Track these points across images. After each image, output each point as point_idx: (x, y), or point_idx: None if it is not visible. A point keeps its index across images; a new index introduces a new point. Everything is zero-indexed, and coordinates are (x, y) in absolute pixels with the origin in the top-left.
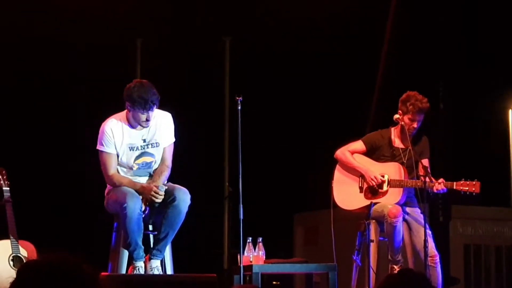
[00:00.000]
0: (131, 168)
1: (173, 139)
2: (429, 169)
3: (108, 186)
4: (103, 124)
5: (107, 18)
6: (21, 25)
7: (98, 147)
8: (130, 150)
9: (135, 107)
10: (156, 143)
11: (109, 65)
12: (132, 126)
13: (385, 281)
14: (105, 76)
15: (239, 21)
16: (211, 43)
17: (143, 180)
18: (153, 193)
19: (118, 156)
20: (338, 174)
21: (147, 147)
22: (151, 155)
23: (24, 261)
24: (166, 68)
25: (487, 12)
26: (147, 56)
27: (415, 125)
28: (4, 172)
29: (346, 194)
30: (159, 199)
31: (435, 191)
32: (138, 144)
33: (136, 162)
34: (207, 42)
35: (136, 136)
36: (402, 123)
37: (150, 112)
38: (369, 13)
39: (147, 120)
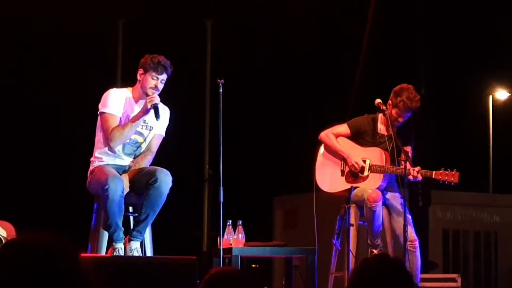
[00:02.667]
0: None
1: (164, 134)
2: (410, 156)
3: (91, 165)
4: (108, 90)
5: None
6: None
7: (102, 109)
8: None
9: (148, 69)
10: (151, 126)
11: (90, 46)
12: (136, 102)
13: (361, 265)
14: (86, 57)
15: (221, 4)
16: (193, 25)
17: (128, 160)
18: (148, 98)
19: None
20: (321, 157)
21: (142, 128)
22: (142, 135)
23: (3, 241)
24: (147, 50)
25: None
26: (128, 37)
27: (400, 120)
28: None
29: (328, 176)
30: (156, 98)
31: (411, 179)
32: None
33: None
34: (189, 24)
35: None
36: (384, 107)
37: (159, 79)
38: None
39: (155, 87)
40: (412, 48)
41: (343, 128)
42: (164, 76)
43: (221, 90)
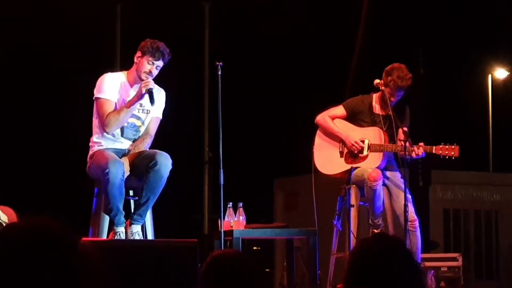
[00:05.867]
0: None
1: (161, 116)
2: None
3: (91, 150)
4: (103, 75)
5: None
6: None
7: (97, 94)
8: None
9: (145, 53)
10: (148, 110)
11: (88, 31)
12: (131, 86)
13: (359, 245)
14: (85, 42)
15: None
16: (191, 8)
17: (127, 143)
18: (143, 83)
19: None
20: (319, 140)
21: (139, 112)
22: (140, 119)
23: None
24: (146, 34)
25: None
26: (127, 21)
27: (393, 99)
28: None
29: (327, 159)
30: (150, 83)
31: (414, 156)
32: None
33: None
34: (187, 7)
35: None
36: (382, 88)
37: (155, 64)
38: None
39: (150, 72)
40: (411, 28)
41: (339, 110)
42: (160, 63)
43: (220, 73)
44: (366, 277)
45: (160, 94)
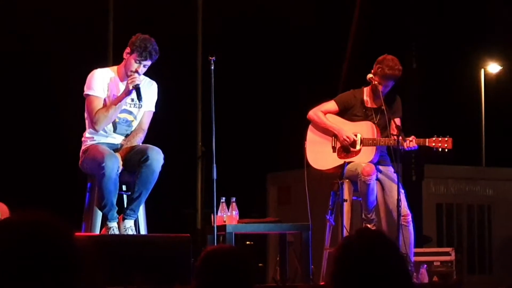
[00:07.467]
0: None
1: (154, 109)
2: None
3: (83, 145)
4: (92, 71)
5: None
6: None
7: (87, 91)
8: None
9: (133, 51)
10: (140, 104)
11: (81, 26)
12: (121, 81)
13: (343, 241)
14: (77, 37)
15: None
16: (184, 2)
17: (119, 138)
18: (129, 79)
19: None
20: (311, 135)
21: (131, 106)
22: (132, 114)
23: None
24: (138, 28)
25: None
26: (119, 18)
27: (381, 88)
28: None
29: (319, 154)
30: (137, 78)
31: (406, 148)
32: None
33: (118, 115)
34: (180, 2)
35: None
36: (375, 82)
37: (142, 64)
38: None
39: (136, 72)
40: (405, 22)
41: (331, 104)
42: (147, 62)
43: (212, 67)
44: (352, 273)
45: (151, 87)
